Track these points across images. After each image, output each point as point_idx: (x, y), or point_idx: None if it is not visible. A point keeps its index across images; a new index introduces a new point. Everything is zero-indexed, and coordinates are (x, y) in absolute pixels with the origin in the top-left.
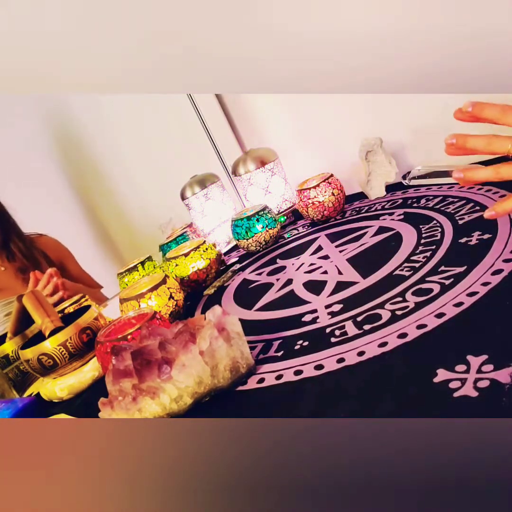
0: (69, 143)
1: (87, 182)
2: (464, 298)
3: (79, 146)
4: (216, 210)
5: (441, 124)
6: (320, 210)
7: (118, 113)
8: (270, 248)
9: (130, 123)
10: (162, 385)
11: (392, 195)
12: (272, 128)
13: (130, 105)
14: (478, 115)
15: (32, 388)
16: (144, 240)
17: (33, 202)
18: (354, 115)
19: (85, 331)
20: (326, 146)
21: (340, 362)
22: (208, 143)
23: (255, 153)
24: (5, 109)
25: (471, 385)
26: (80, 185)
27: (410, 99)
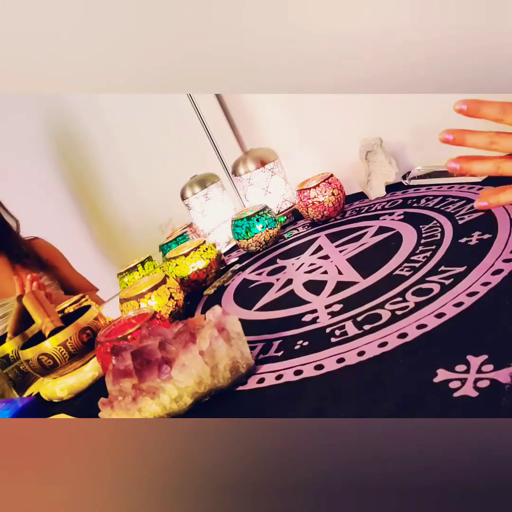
0: (68, 143)
1: (86, 182)
2: (464, 298)
3: (78, 146)
4: (216, 210)
5: (442, 124)
6: (320, 210)
7: (118, 113)
8: (270, 248)
9: (130, 123)
10: (162, 385)
11: (392, 195)
12: (272, 128)
13: (130, 105)
14: (474, 115)
15: (32, 388)
16: (144, 240)
17: (32, 202)
18: (354, 115)
19: (85, 331)
20: (326, 146)
21: (340, 362)
22: (208, 143)
23: (255, 153)
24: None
25: (471, 385)
26: (79, 185)
27: (410, 99)
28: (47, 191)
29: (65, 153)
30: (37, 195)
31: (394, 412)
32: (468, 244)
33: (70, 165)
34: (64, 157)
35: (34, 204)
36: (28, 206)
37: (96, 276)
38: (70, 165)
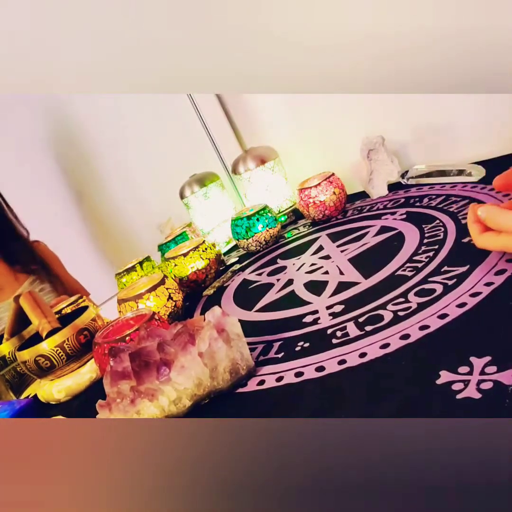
0: (67, 142)
1: (85, 181)
2: (467, 299)
3: (77, 145)
4: (216, 209)
5: (443, 123)
6: (321, 210)
7: (118, 112)
8: (271, 248)
9: (129, 123)
10: (161, 387)
11: (394, 194)
12: (273, 126)
13: (129, 104)
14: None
15: (29, 390)
16: (142, 240)
17: (30, 202)
18: (355, 114)
19: (83, 332)
20: (327, 144)
21: (341, 364)
22: (208, 142)
23: (255, 152)
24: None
25: (474, 386)
26: (78, 184)
27: (412, 98)
28: (47, 191)
29: (64, 152)
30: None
31: (396, 414)
32: (471, 244)
33: (69, 165)
34: (63, 156)
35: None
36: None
37: (93, 276)
38: (69, 164)
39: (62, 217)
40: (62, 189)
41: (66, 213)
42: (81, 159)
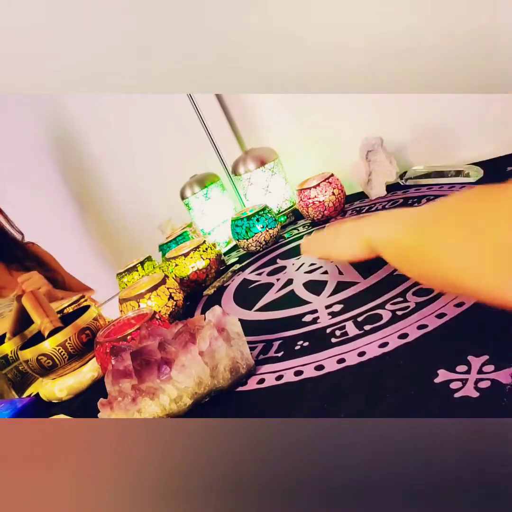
0: (67, 142)
1: (86, 182)
2: (465, 298)
3: (77, 146)
4: (216, 209)
5: (441, 125)
6: (321, 210)
7: (118, 113)
8: (270, 248)
9: (129, 123)
10: (162, 385)
11: (392, 194)
12: (272, 127)
13: (130, 105)
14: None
15: (31, 388)
16: (143, 240)
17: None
18: (355, 115)
19: (85, 331)
20: (327, 145)
21: (340, 363)
22: (208, 143)
23: (255, 153)
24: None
25: (472, 385)
26: (79, 185)
27: (411, 98)
28: (47, 192)
29: (64, 153)
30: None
31: (394, 412)
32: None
33: (69, 165)
34: (63, 157)
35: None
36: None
37: (95, 276)
38: (69, 165)
39: (63, 217)
40: (62, 190)
41: (66, 213)
42: (81, 160)
